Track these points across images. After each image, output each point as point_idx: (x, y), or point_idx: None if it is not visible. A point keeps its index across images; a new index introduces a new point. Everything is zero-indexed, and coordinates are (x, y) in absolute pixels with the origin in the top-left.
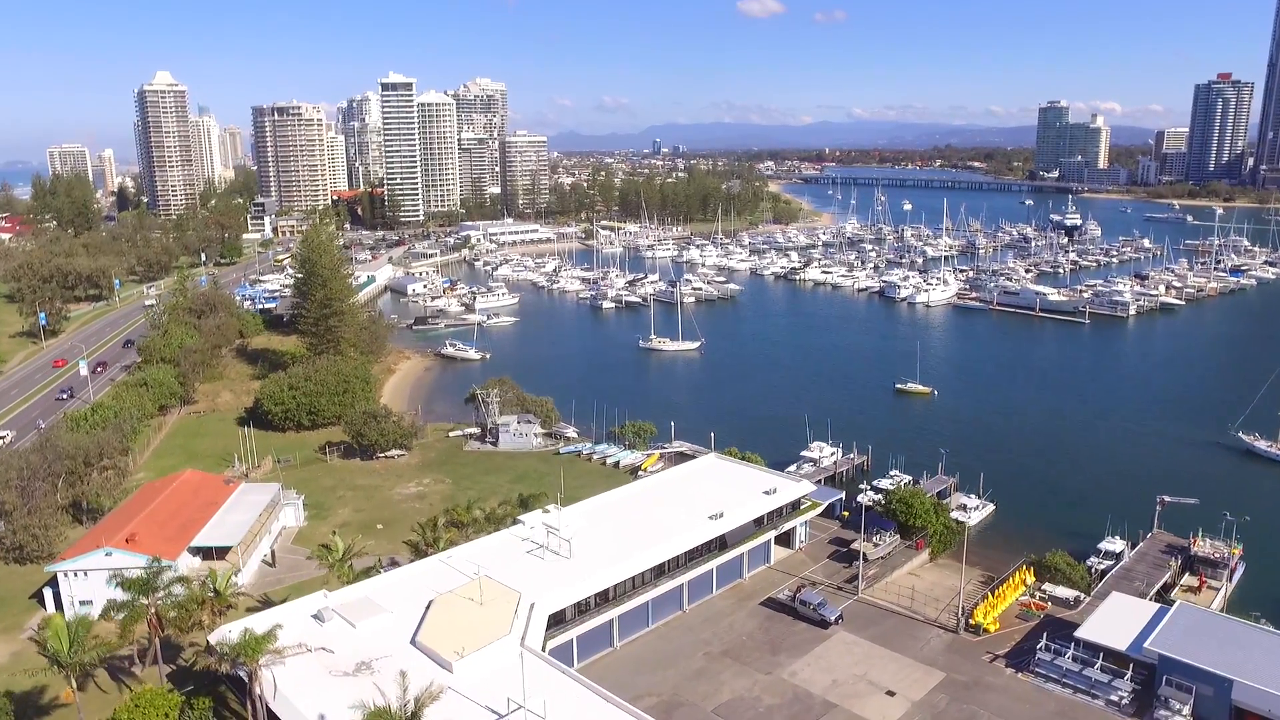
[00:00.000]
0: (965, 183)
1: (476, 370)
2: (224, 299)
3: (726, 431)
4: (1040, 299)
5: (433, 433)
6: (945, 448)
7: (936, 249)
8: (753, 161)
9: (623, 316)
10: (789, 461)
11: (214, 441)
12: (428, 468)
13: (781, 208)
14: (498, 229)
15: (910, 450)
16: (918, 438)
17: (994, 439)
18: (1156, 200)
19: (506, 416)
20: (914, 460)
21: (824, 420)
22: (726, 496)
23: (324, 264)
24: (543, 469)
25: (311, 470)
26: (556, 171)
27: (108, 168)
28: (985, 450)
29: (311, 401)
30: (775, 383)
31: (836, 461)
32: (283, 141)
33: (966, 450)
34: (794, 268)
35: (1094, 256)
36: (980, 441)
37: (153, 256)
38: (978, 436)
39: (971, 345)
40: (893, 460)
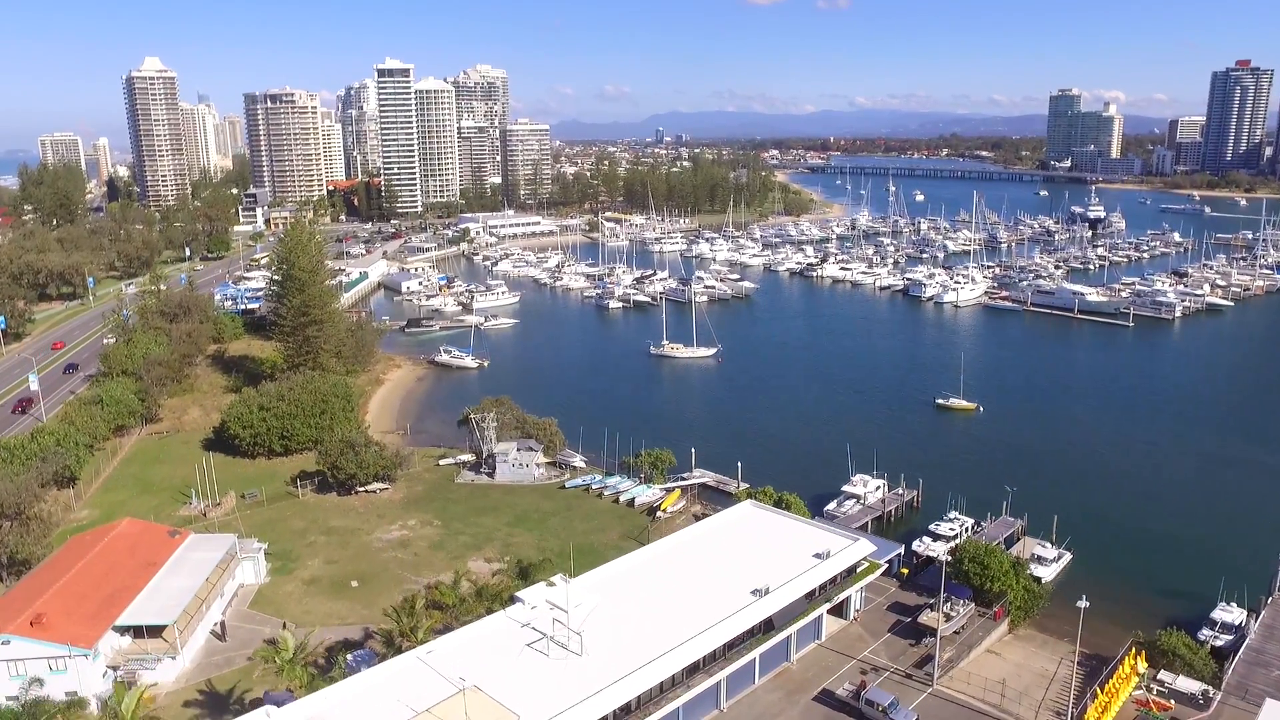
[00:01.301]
0: (975, 173)
1: (473, 380)
2: (199, 300)
3: (754, 458)
4: (1079, 299)
5: (421, 460)
6: (1010, 483)
7: (957, 243)
8: (757, 150)
9: (631, 318)
10: (828, 496)
11: (174, 469)
12: (414, 505)
13: (791, 199)
14: (498, 221)
15: (963, 481)
16: (968, 465)
17: (1053, 466)
18: (1174, 191)
19: (504, 444)
20: (969, 493)
21: (864, 445)
22: (769, 561)
23: (302, 265)
24: (545, 508)
25: (280, 509)
26: (559, 161)
27: (102, 157)
28: (1046, 481)
29: (284, 425)
30: (802, 396)
31: (884, 498)
32: (276, 130)
33: (1023, 479)
34: (810, 263)
35: (1124, 252)
36: (1038, 470)
37: (133, 251)
38: (1034, 463)
39: (1009, 352)
40: (952, 500)
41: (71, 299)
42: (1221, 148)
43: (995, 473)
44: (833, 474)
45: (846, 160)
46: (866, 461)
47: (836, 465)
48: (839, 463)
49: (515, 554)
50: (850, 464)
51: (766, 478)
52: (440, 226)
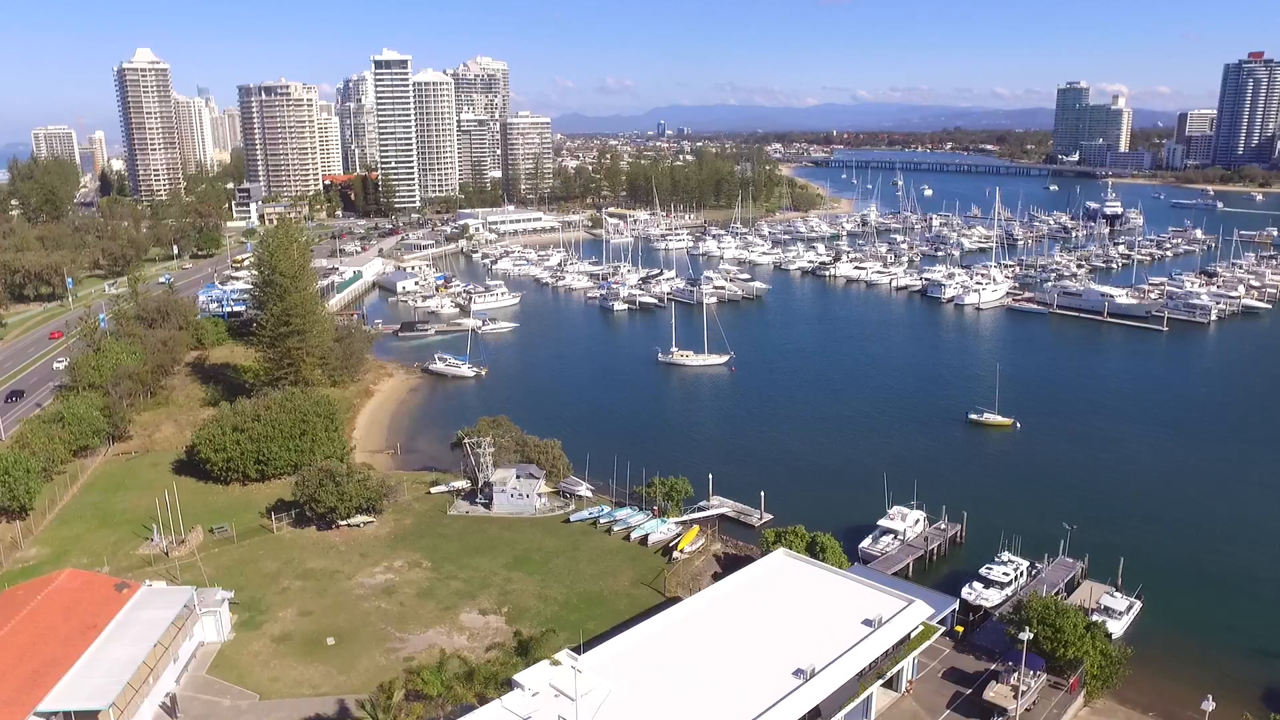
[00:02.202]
0: (981, 167)
1: (470, 390)
2: (179, 304)
3: (776, 484)
4: (1108, 302)
5: (411, 486)
6: (1059, 513)
7: (972, 240)
8: (760, 144)
9: (637, 321)
10: (861, 530)
11: (139, 497)
12: (401, 542)
13: (799, 194)
14: (498, 217)
15: (1009, 512)
16: (1011, 492)
17: (1105, 494)
18: (1186, 185)
19: (503, 470)
20: (1018, 526)
21: (896, 467)
22: (811, 630)
23: (283, 269)
24: (548, 546)
25: (252, 547)
26: (560, 154)
27: (98, 151)
28: (1100, 511)
29: (259, 448)
30: (823, 410)
31: (925, 534)
32: (271, 123)
33: (1075, 510)
34: (823, 262)
35: (1146, 250)
36: (1089, 498)
37: (118, 250)
38: (1084, 490)
39: (1039, 359)
40: (1005, 540)
41: (51, 300)
42: (1233, 141)
43: (1042, 501)
44: (864, 502)
45: (850, 154)
46: (901, 488)
47: (867, 491)
48: (869, 488)
49: (514, 603)
50: (887, 494)
51: (791, 508)
52: (438, 223)
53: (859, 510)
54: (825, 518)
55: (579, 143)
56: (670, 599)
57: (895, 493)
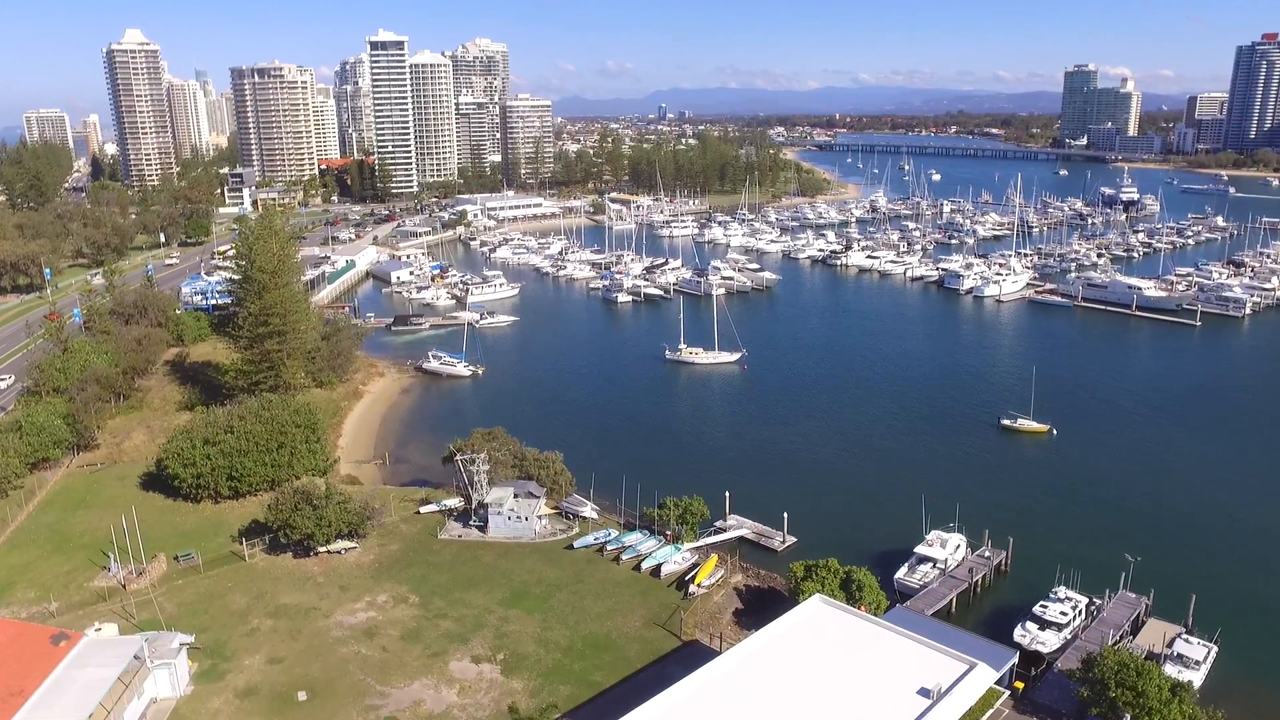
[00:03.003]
0: (987, 150)
1: (466, 391)
2: (159, 299)
3: (798, 500)
4: (1136, 294)
5: (398, 505)
6: (1110, 534)
7: (986, 227)
8: (762, 127)
9: (642, 313)
10: (897, 555)
11: (101, 517)
12: (386, 572)
13: (805, 178)
14: (497, 203)
15: (1056, 533)
16: (1054, 509)
17: (1159, 514)
18: (1198, 170)
19: (499, 489)
20: (1067, 552)
21: (925, 480)
22: (859, 703)
23: (261, 264)
24: (549, 578)
25: (220, 578)
26: (561, 138)
27: (92, 135)
28: (1154, 534)
29: (233, 463)
30: (843, 414)
31: (968, 563)
32: (264, 106)
33: (1126, 532)
34: (834, 250)
35: (1167, 238)
36: (1141, 518)
37: (102, 238)
38: (1132, 507)
39: (1067, 356)
40: (1060, 574)
41: (29, 291)
42: (1245, 125)
43: (1092, 524)
44: (895, 521)
45: (853, 138)
46: (935, 505)
47: (897, 509)
48: (899, 505)
49: (511, 648)
50: (924, 517)
51: (816, 529)
52: (436, 208)
53: (890, 531)
54: (853, 540)
55: (579, 126)
56: (688, 643)
57: (927, 509)
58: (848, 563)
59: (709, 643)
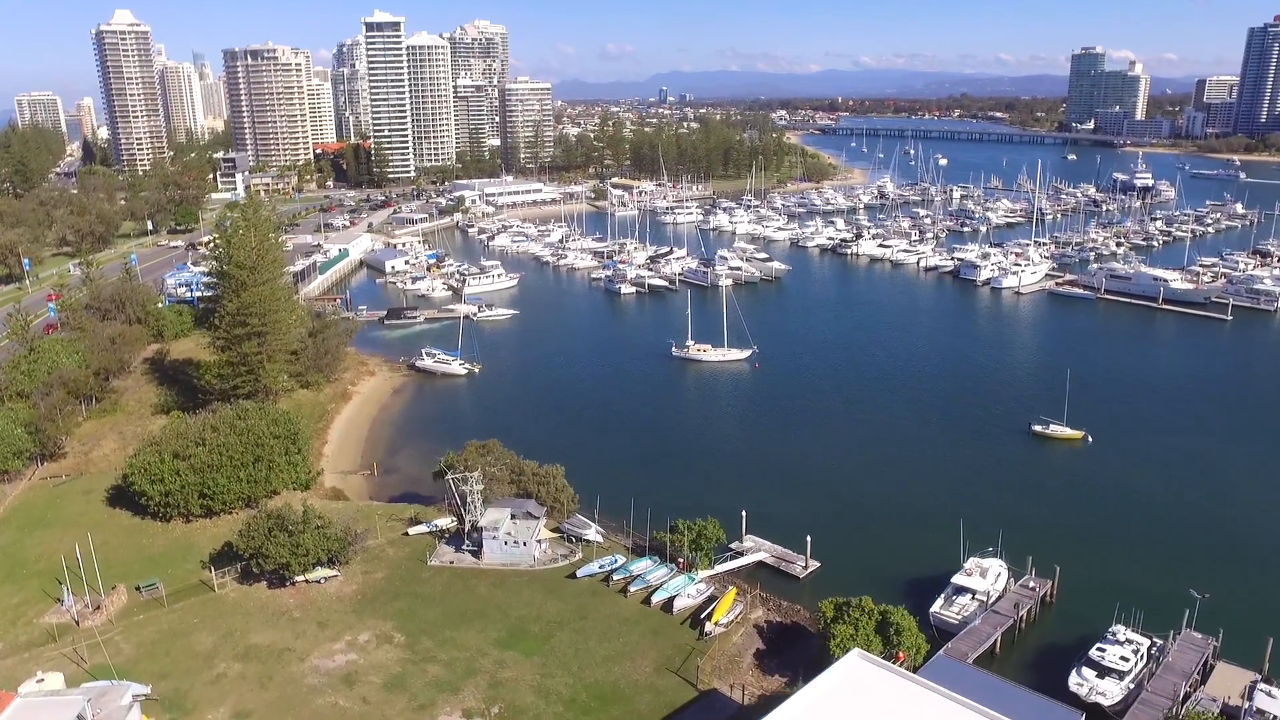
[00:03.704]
0: (993, 134)
1: (461, 391)
2: (138, 293)
3: (819, 517)
4: (1162, 287)
5: (385, 525)
6: (1192, 579)
7: (998, 215)
8: (764, 111)
9: (646, 306)
10: (929, 584)
11: (61, 537)
12: (370, 605)
13: (811, 163)
14: (495, 189)
15: (1103, 558)
16: (1099, 530)
17: (1212, 533)
18: (1209, 155)
19: (495, 509)
20: (1115, 577)
21: (957, 494)
22: None
23: (239, 260)
24: (550, 613)
25: (186, 612)
26: (561, 121)
27: (86, 118)
28: (1215, 562)
29: (204, 480)
30: (862, 419)
31: (1013, 597)
32: (258, 89)
33: (1183, 560)
34: (844, 239)
35: (1186, 226)
36: (1196, 541)
37: (86, 226)
38: (1184, 527)
39: (1095, 354)
40: (1117, 611)
41: (8, 282)
42: (1256, 108)
43: (1143, 547)
44: (925, 541)
45: (856, 121)
46: (968, 523)
47: (926, 527)
48: (928, 522)
49: (507, 699)
50: (963, 542)
51: (841, 552)
52: (434, 194)
53: (922, 554)
54: (882, 565)
55: (580, 109)
56: (705, 693)
57: (960, 528)
58: (876, 590)
59: (729, 693)
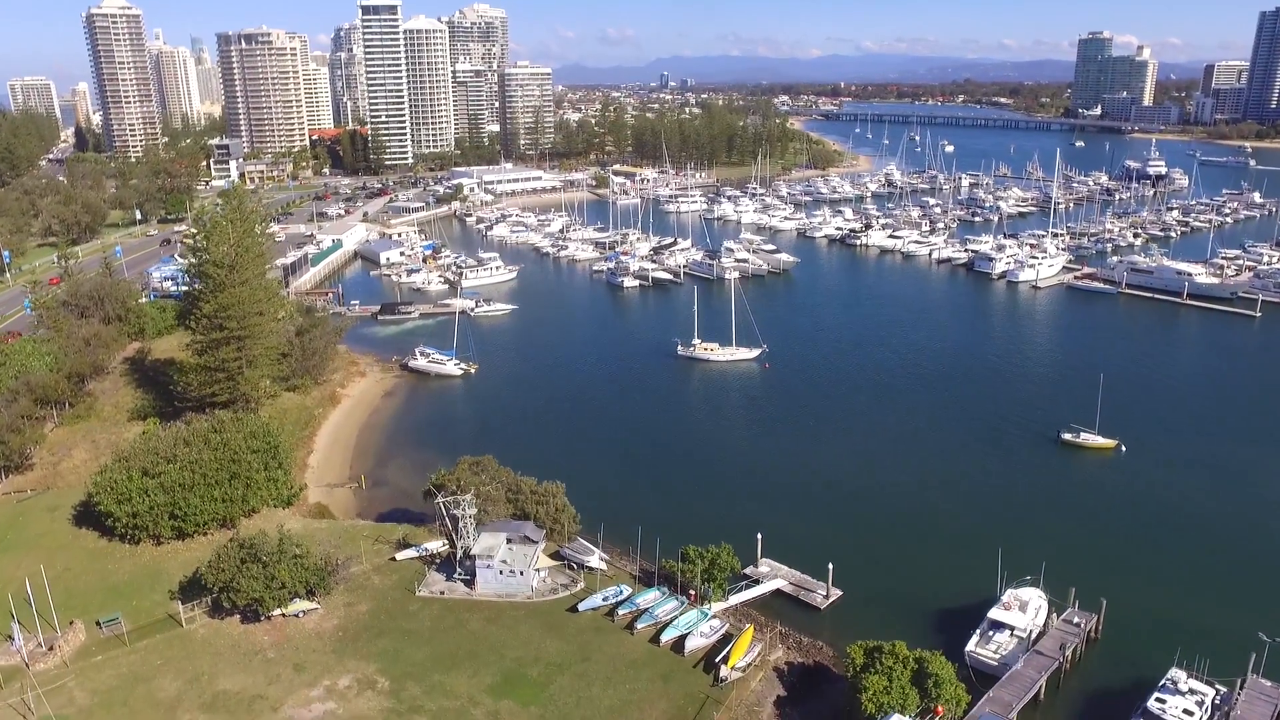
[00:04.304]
0: (998, 120)
1: (456, 392)
2: (117, 288)
3: (842, 543)
4: (1187, 281)
5: (371, 549)
6: (1253, 612)
7: (1009, 203)
8: (767, 96)
9: (650, 300)
10: (965, 617)
11: (20, 561)
12: (351, 644)
13: (816, 150)
14: (494, 176)
15: (1150, 586)
16: (1143, 554)
17: (1269, 558)
18: (1218, 142)
19: (490, 533)
20: (1166, 610)
21: (985, 510)
22: None
23: (217, 257)
24: (549, 653)
25: (150, 651)
26: (561, 107)
27: (80, 103)
28: (1275, 592)
29: (175, 500)
30: (880, 425)
31: (1056, 634)
32: (252, 74)
33: (1239, 589)
34: (853, 229)
35: (1204, 216)
36: (1251, 563)
37: (71, 216)
38: (1233, 546)
39: (1121, 353)
40: (1167, 648)
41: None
42: (1267, 94)
43: (1190, 572)
44: (954, 565)
45: (859, 106)
46: (1000, 546)
47: (954, 549)
48: (956, 543)
49: None
50: (1001, 573)
51: (864, 577)
52: (431, 181)
53: (951, 579)
54: (909, 593)
55: (580, 95)
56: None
57: (991, 550)
58: (903, 623)
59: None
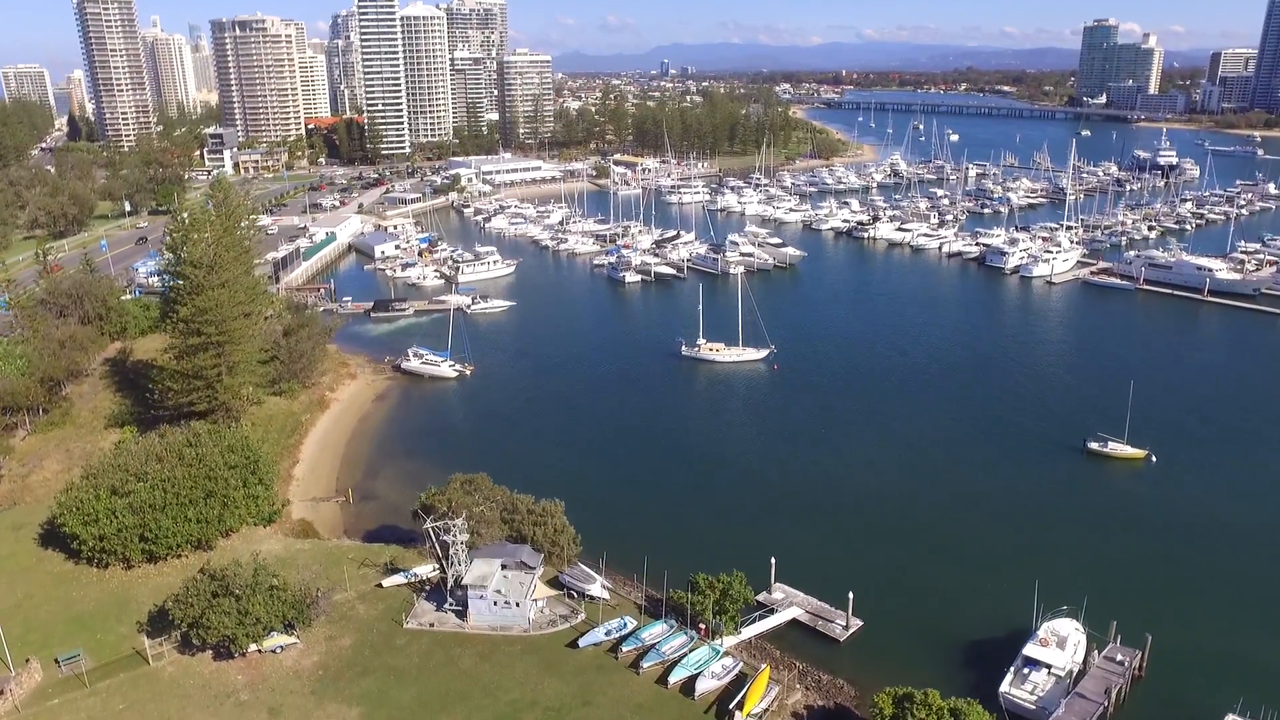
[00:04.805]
0: (1002, 109)
1: (451, 396)
2: (98, 285)
3: (860, 564)
4: (1208, 277)
5: (355, 576)
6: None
7: (1019, 195)
8: (768, 84)
9: (652, 296)
10: (997, 652)
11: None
12: (332, 685)
13: (819, 139)
14: (493, 166)
15: (1192, 614)
16: (1184, 580)
17: None
18: (1227, 131)
19: (482, 562)
20: (1209, 646)
21: (1011, 528)
22: None
23: (194, 257)
24: (547, 696)
25: (112, 693)
26: (561, 95)
27: (75, 91)
28: None
29: (145, 521)
30: (895, 433)
31: (1098, 673)
32: (246, 62)
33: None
34: (860, 222)
35: (1219, 208)
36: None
37: (57, 208)
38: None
39: (1142, 353)
40: (1227, 692)
41: None
42: (1275, 82)
43: (1234, 599)
44: (980, 589)
45: (861, 95)
46: (1031, 571)
47: (979, 570)
48: (981, 563)
49: None
50: (1037, 606)
51: (885, 603)
52: (429, 171)
53: (979, 605)
54: (934, 621)
55: (580, 83)
56: None
57: (1014, 568)
58: (930, 658)
59: None
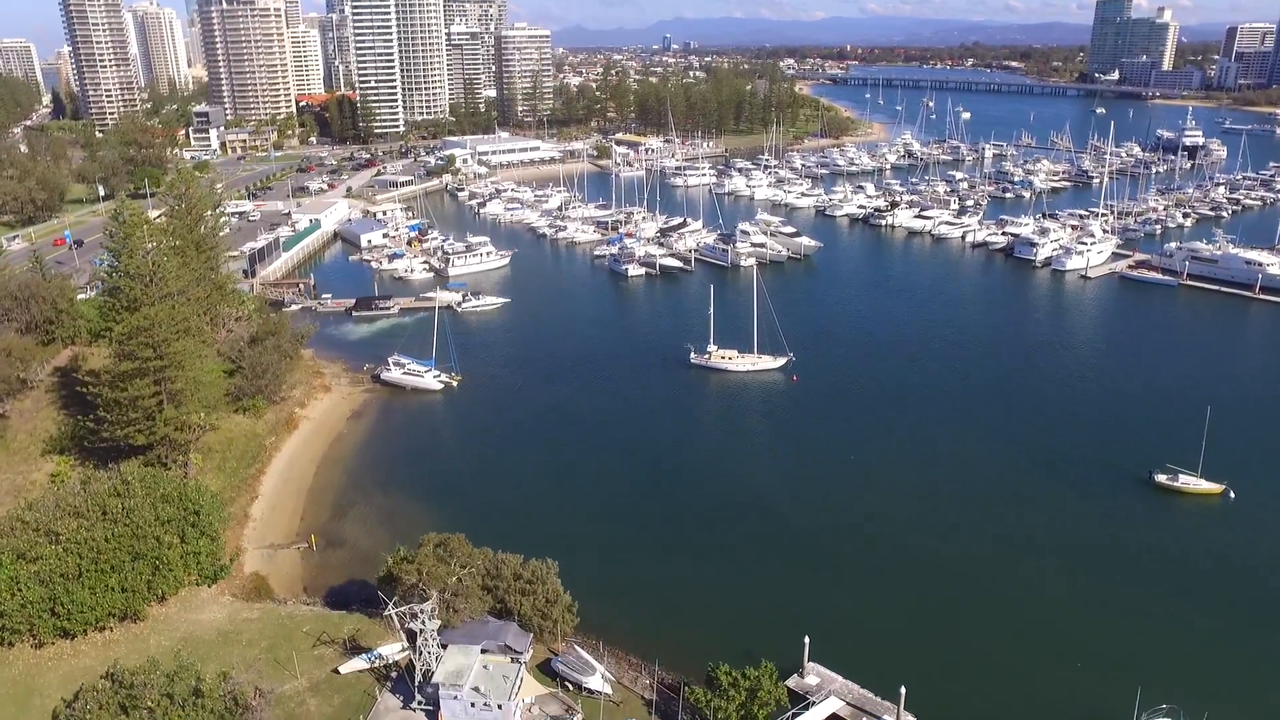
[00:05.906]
0: (1011, 86)
1: (436, 412)
2: (47, 288)
3: (909, 642)
4: (1260, 273)
5: (309, 657)
6: None
7: (1041, 178)
8: (772, 59)
9: (658, 291)
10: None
11: None
12: None
13: (829, 117)
14: (489, 147)
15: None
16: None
17: None
18: (1245, 108)
19: (457, 652)
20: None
21: (1082, 587)
22: None
23: (132, 265)
24: None
25: None
26: (561, 70)
27: (63, 68)
28: None
29: (57, 593)
30: (935, 461)
31: None
32: (234, 37)
33: None
34: (877, 209)
35: (1256, 193)
36: None
37: (25, 193)
38: None
39: (1194, 362)
40: None
41: None
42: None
43: None
44: (1054, 670)
45: (866, 70)
46: (1118, 654)
47: (1048, 645)
48: (1050, 636)
49: None
50: (1137, 696)
51: (940, 693)
52: (423, 151)
53: (1057, 695)
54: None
55: (581, 58)
56: None
57: (1099, 649)
58: None
59: None
